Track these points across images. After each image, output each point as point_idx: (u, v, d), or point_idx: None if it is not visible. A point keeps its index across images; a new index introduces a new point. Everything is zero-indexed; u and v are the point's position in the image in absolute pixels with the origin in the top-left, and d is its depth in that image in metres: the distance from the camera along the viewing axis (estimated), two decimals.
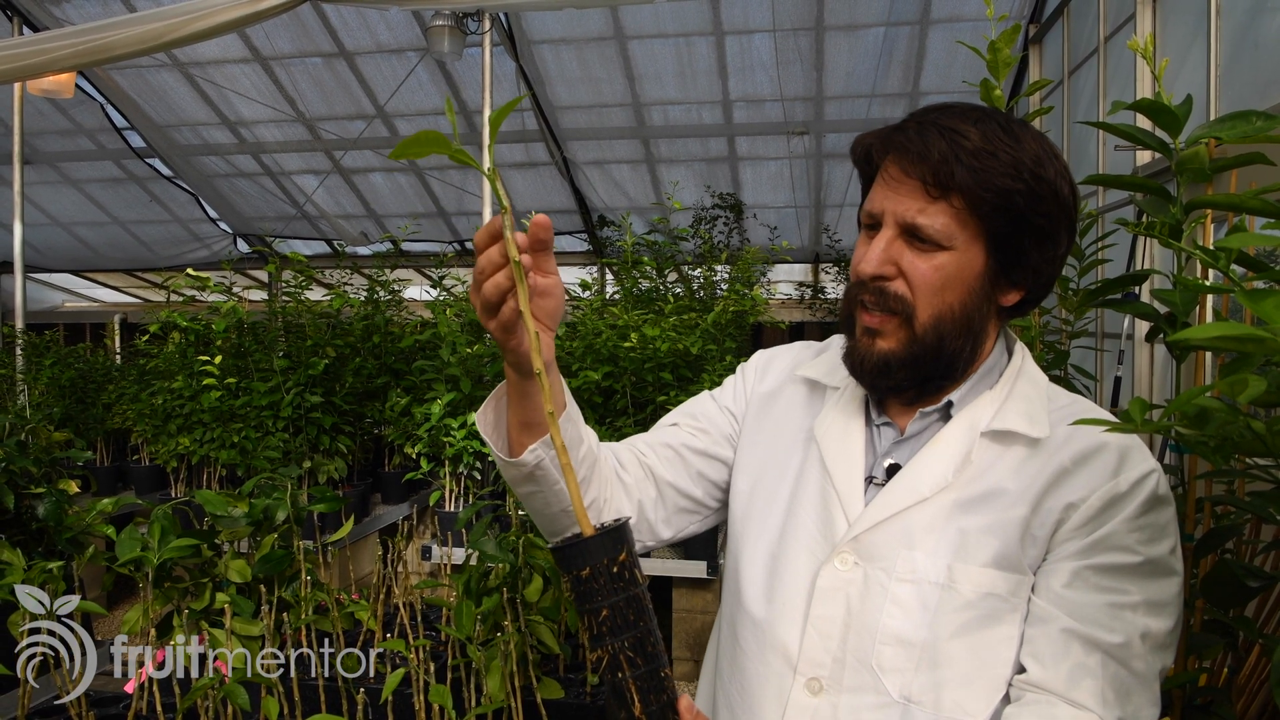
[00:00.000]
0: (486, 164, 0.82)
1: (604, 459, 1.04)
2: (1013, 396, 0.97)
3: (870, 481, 0.99)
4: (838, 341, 1.12)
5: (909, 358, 0.93)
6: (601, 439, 1.06)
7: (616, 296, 4.31)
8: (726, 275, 4.75)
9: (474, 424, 3.37)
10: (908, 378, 0.95)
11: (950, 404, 0.97)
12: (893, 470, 0.98)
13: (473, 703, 1.53)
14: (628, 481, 1.07)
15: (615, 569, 0.82)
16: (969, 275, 0.92)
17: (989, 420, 0.95)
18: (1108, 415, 0.90)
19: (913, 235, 0.91)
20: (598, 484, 1.02)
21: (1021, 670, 0.89)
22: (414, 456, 3.70)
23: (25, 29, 5.70)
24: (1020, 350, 1.01)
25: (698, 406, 1.15)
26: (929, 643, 0.89)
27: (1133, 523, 0.88)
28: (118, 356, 6.21)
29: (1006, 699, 0.89)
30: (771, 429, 1.09)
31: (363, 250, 8.11)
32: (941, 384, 0.97)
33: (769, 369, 1.15)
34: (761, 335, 7.99)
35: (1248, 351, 0.70)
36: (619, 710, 0.82)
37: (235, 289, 4.12)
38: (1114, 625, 0.85)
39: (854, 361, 0.97)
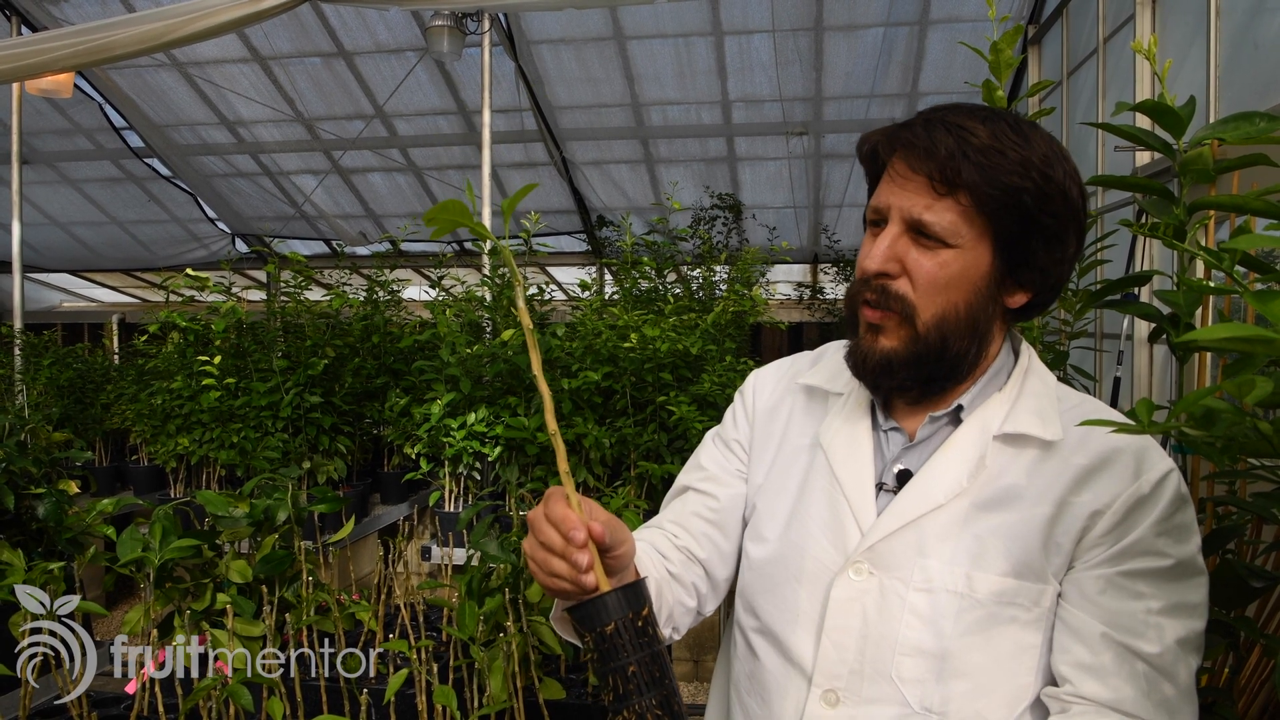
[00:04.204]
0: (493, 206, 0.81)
1: (656, 567, 1.03)
2: (1023, 396, 0.95)
3: (880, 488, 0.97)
4: (833, 348, 1.10)
5: (911, 357, 0.92)
6: (600, 438, 1.05)
7: (616, 297, 4.30)
8: (726, 276, 4.76)
9: (473, 424, 3.40)
10: (910, 377, 0.94)
11: (960, 407, 0.96)
12: (903, 476, 0.96)
13: (475, 703, 1.53)
14: (676, 572, 1.05)
15: (640, 624, 0.80)
16: (974, 275, 0.91)
17: (1000, 423, 0.94)
18: (1117, 415, 0.89)
19: (918, 232, 0.90)
20: (666, 596, 1.01)
21: (1056, 682, 0.87)
22: (413, 457, 3.69)
23: (24, 29, 5.69)
24: (1027, 350, 1.00)
25: (704, 454, 1.13)
26: (949, 653, 0.88)
27: (1160, 525, 0.87)
28: (116, 356, 6.21)
29: (1032, 709, 0.88)
30: (775, 441, 1.07)
31: (362, 250, 8.11)
32: (946, 385, 0.96)
33: (764, 384, 1.13)
34: (761, 336, 8.00)
35: (1255, 352, 0.70)
36: None
37: (234, 289, 4.11)
38: (1150, 634, 0.84)
39: (857, 360, 0.96)
